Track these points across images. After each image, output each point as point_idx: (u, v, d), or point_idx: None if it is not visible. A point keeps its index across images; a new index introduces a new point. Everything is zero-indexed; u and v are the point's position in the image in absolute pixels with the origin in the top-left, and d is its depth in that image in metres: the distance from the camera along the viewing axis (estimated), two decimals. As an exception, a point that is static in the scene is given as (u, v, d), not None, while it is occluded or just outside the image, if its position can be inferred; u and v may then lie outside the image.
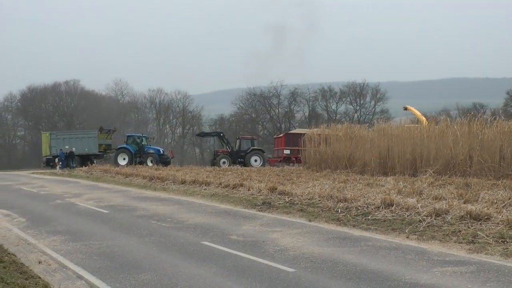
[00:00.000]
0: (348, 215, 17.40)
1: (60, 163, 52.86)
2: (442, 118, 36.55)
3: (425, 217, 15.57)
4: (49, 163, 57.47)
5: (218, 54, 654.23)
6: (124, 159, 54.32)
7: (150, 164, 52.32)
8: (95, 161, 57.99)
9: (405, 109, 64.96)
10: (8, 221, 19.44)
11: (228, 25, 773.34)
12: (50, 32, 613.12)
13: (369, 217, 16.77)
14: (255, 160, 54.26)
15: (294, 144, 54.35)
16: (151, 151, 55.77)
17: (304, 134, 55.59)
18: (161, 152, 57.28)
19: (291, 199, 21.23)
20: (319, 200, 20.24)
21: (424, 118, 52.78)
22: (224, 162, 53.82)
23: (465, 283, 9.85)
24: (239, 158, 54.93)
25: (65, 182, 37.66)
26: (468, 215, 14.95)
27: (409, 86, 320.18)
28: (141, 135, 60.09)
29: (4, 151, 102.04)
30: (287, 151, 54.61)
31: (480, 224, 14.43)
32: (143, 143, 56.67)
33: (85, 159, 57.26)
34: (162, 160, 54.31)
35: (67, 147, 56.82)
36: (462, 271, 10.65)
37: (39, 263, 12.50)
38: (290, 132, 60.31)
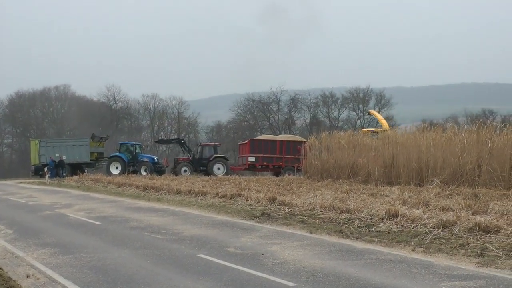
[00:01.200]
0: (351, 227, 17.41)
1: (50, 172, 52.79)
2: (449, 125, 36.57)
3: (431, 229, 15.58)
4: (38, 172, 57.37)
5: (215, 58, 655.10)
6: (116, 168, 54.30)
7: (144, 173, 52.34)
8: (86, 170, 57.98)
9: (369, 113, 65.44)
10: (-5, 233, 19.45)
11: (222, 27, 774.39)
12: (39, 34, 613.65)
13: (373, 229, 16.78)
14: (218, 168, 54.10)
15: (259, 151, 54.44)
16: (145, 159, 55.81)
17: (270, 140, 55.86)
18: (156, 160, 57.33)
19: (291, 210, 21.24)
20: (321, 211, 20.26)
21: (385, 122, 52.88)
22: (185, 171, 53.64)
23: (473, 298, 9.86)
24: (201, 166, 54.76)
25: (54, 192, 37.63)
26: (477, 227, 14.96)
27: (415, 92, 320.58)
28: (134, 142, 60.10)
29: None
30: (252, 159, 54.40)
31: (490, 236, 14.44)
32: (136, 151, 56.67)
33: (76, 168, 57.20)
34: (157, 169, 54.36)
35: (57, 155, 56.72)
36: (471, 286, 10.65)
37: (27, 277, 12.49)
38: (256, 138, 59.88)
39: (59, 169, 55.13)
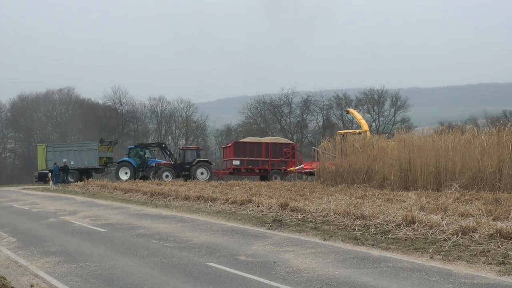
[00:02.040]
0: (367, 234, 17.38)
1: (54, 178, 52.86)
2: (468, 127, 36.37)
3: (450, 236, 15.52)
4: (45, 178, 56.94)
5: (224, 59, 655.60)
6: (126, 173, 54.37)
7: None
8: (93, 175, 58.14)
9: (347, 112, 64.51)
10: (-2, 241, 19.53)
11: (229, 29, 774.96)
12: (42, 36, 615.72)
13: (389, 236, 16.73)
14: (202, 173, 53.77)
15: (244, 154, 54.28)
16: (155, 164, 55.81)
17: (255, 143, 55.59)
18: None
19: (304, 216, 21.21)
20: (335, 217, 20.23)
21: (364, 122, 52.36)
22: (167, 176, 53.16)
23: (494, 308, 9.82)
24: (183, 170, 54.53)
25: (59, 199, 37.75)
26: (498, 234, 14.89)
27: (432, 93, 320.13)
28: (143, 147, 60.25)
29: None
30: (236, 162, 54.19)
31: None
32: (146, 156, 56.74)
33: (84, 173, 57.25)
34: None
35: (64, 160, 56.87)
36: (492, 295, 10.60)
37: (31, 286, 12.53)
38: (240, 141, 59.55)
39: (64, 175, 55.29)
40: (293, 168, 50.66)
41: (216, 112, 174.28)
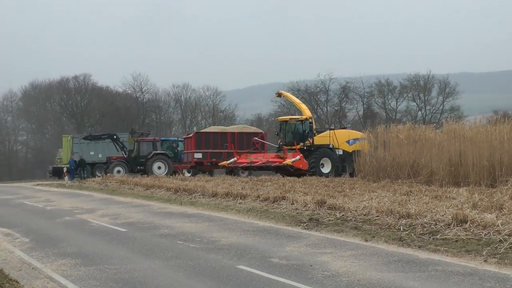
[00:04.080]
0: (413, 234, 17.29)
1: (70, 173, 53.18)
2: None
3: (506, 237, 15.37)
4: (60, 173, 56.54)
5: (251, 43, 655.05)
6: (159, 167, 54.16)
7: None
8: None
9: (279, 95, 60.77)
10: (9, 242, 19.72)
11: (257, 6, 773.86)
12: (54, 20, 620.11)
13: (437, 237, 16.63)
14: (159, 167, 53.62)
15: (207, 146, 53.45)
16: None
17: (219, 133, 54.68)
18: None
19: (343, 215, 21.16)
20: (377, 216, 20.15)
21: (305, 107, 51.27)
22: (119, 171, 53.16)
23: (556, 317, 9.72)
24: (138, 165, 54.31)
25: (75, 196, 38.07)
26: (560, 234, 14.74)
27: (486, 78, 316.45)
28: (177, 139, 60.36)
29: (3, 159, 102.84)
30: (198, 155, 53.37)
31: None
32: (179, 148, 56.81)
33: None
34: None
35: (92, 153, 57.20)
36: (553, 302, 10.50)
37: (46, 291, 12.65)
38: (201, 131, 58.92)
39: (81, 170, 55.66)
40: (224, 162, 48.66)
41: (246, 100, 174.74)
